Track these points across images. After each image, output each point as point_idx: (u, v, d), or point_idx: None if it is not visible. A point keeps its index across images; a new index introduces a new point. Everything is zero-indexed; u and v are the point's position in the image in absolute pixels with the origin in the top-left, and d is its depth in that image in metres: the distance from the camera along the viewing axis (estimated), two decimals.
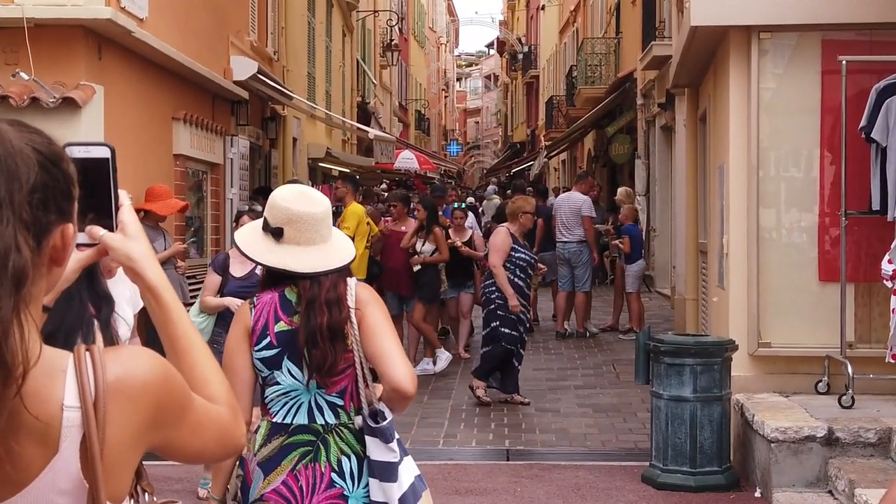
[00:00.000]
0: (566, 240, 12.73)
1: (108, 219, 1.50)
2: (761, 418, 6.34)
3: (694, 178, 10.57)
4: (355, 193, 10.11)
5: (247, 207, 6.56)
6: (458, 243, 11.10)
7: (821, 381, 7.06)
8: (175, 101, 10.27)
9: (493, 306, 8.96)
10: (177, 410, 1.41)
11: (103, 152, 1.47)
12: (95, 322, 2.32)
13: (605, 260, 15.48)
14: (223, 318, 6.09)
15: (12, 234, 1.21)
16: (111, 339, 2.38)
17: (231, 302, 5.96)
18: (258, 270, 5.89)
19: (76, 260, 1.48)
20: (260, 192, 11.97)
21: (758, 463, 6.41)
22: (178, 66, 10.01)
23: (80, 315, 2.20)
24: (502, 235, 9.05)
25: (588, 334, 12.88)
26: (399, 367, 2.96)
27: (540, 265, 9.44)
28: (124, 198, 1.53)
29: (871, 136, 6.64)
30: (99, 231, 1.50)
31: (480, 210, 20.25)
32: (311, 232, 3.03)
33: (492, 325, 8.96)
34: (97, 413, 1.28)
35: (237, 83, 12.29)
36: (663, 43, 15.09)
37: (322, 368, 2.98)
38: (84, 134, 7.53)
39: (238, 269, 6.22)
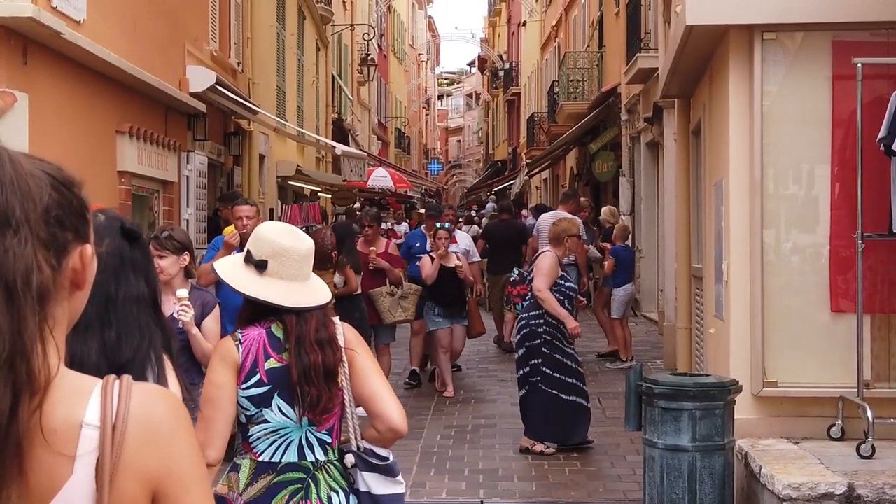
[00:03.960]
0: None
1: None
2: (770, 471, 5.56)
3: (686, 196, 9.78)
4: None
5: (154, 234, 5.43)
6: (457, 264, 10.22)
7: (834, 425, 6.29)
8: (120, 112, 9.38)
9: (538, 341, 7.87)
10: (189, 460, 1.33)
11: None
12: (165, 356, 2.38)
13: (589, 282, 14.72)
14: None
15: (32, 253, 1.21)
16: (179, 373, 2.46)
17: None
18: (176, 314, 5.08)
19: None
20: (224, 199, 11.08)
21: None
22: (123, 75, 9.14)
23: (151, 347, 2.30)
24: (551, 260, 7.99)
25: None
26: (393, 408, 3.08)
27: (580, 297, 8.50)
28: None
29: (893, 148, 5.87)
30: None
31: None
32: (295, 268, 3.07)
33: (532, 362, 7.89)
34: (115, 434, 1.25)
35: (194, 95, 11.42)
36: (649, 55, 14.43)
37: (317, 406, 3.01)
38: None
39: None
